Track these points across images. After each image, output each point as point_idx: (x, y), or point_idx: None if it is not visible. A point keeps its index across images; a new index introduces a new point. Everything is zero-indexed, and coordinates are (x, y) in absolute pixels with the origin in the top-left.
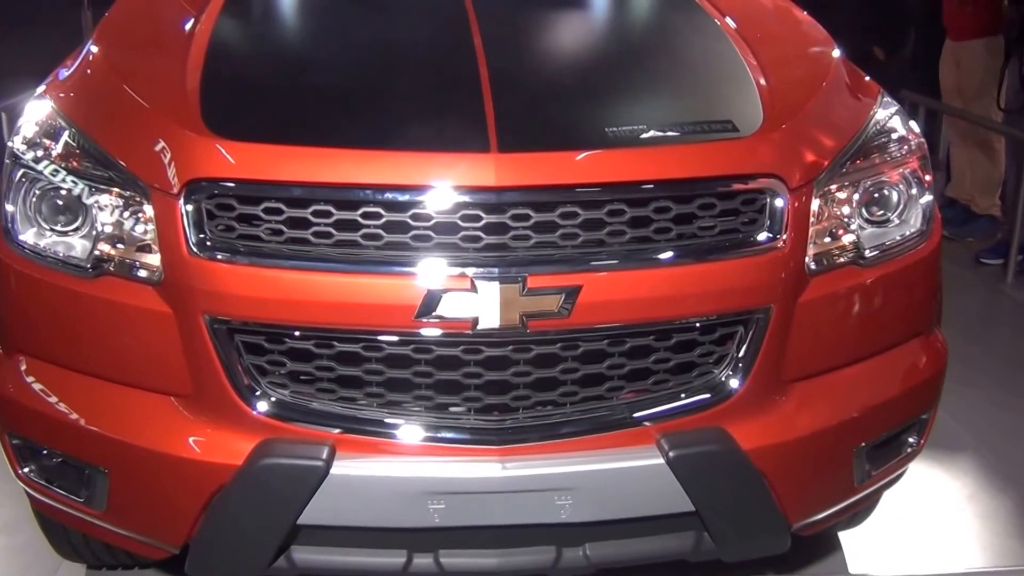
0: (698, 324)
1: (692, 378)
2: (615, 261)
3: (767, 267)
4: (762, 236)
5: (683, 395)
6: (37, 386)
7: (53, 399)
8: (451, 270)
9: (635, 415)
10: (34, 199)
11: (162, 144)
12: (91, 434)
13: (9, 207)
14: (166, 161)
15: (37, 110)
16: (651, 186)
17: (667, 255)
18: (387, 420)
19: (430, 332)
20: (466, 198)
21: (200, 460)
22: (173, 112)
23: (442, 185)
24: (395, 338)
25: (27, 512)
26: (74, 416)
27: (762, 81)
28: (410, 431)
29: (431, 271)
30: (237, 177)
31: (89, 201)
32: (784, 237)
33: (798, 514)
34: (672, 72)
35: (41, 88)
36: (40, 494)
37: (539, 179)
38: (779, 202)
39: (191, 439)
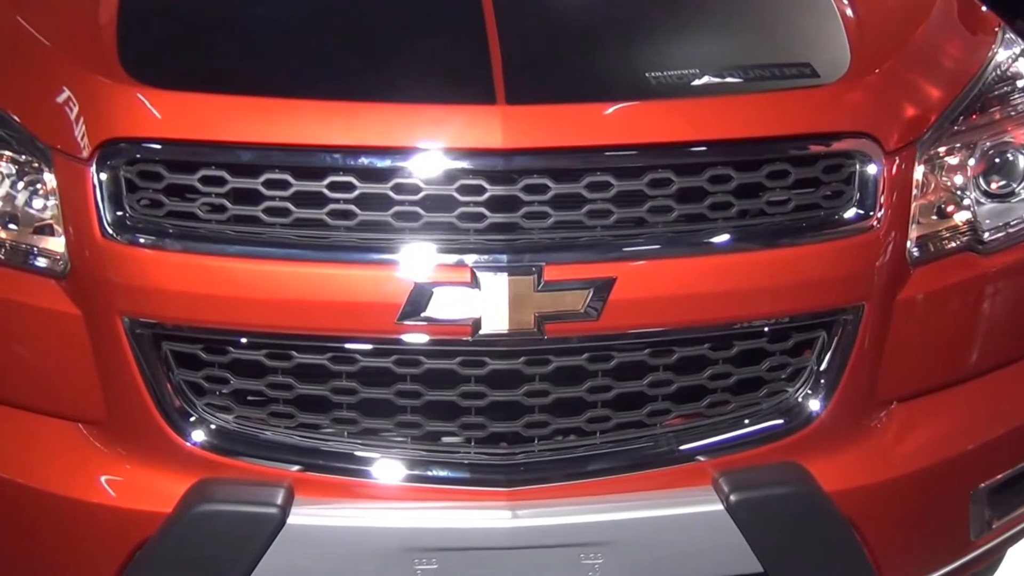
0: (767, 328)
1: (759, 399)
2: (659, 246)
3: (857, 253)
4: (850, 213)
5: (747, 421)
6: None
7: None
8: (445, 258)
9: (685, 447)
10: None
11: (67, 94)
12: None
13: None
14: (73, 116)
15: None
16: (705, 148)
17: (726, 238)
18: (361, 454)
19: (418, 339)
20: (465, 164)
21: (116, 506)
22: (82, 52)
23: (433, 147)
24: (372, 347)
25: None
26: None
27: (848, 12)
28: (391, 469)
29: (419, 259)
30: (166, 137)
31: None
32: (878, 215)
33: None
34: (731, 2)
35: None
36: None
37: (560, 139)
38: (872, 169)
39: (105, 479)
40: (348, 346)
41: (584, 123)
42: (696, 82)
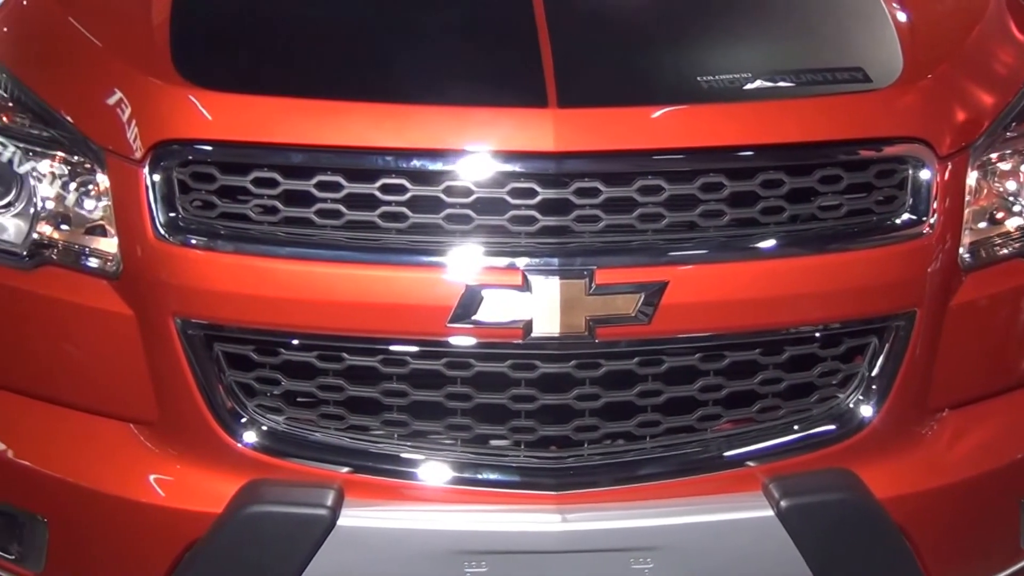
0: (818, 334)
1: (810, 405)
2: (710, 251)
3: (909, 259)
4: (903, 218)
5: (798, 427)
6: None
7: None
8: (497, 261)
9: (735, 452)
10: None
11: (121, 95)
12: (23, 471)
13: None
14: (126, 117)
15: None
16: (757, 152)
17: (778, 243)
18: (411, 456)
19: (468, 341)
20: (517, 167)
21: (168, 507)
22: (135, 53)
23: (485, 149)
24: (423, 349)
25: None
26: (2, 448)
27: (901, 17)
28: (440, 471)
29: (470, 262)
30: (219, 138)
31: (24, 169)
32: (931, 220)
33: None
34: (784, 6)
35: None
36: None
37: (611, 143)
38: (924, 174)
39: (156, 479)
40: (399, 348)
41: (636, 126)
42: (748, 86)
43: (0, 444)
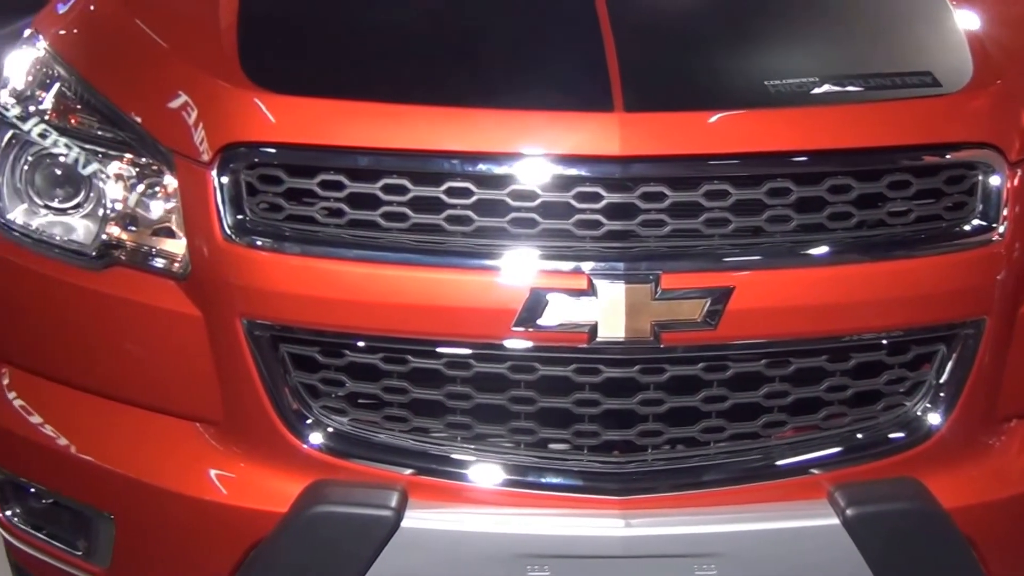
0: (886, 341)
1: (876, 412)
2: (777, 256)
3: (979, 266)
4: (972, 225)
5: (864, 435)
6: (24, 406)
7: (45, 423)
8: (562, 265)
9: (800, 459)
10: (25, 167)
11: (189, 98)
12: (93, 469)
13: None
14: (194, 120)
15: (27, 52)
16: (825, 157)
17: (845, 249)
18: (474, 459)
19: (532, 345)
20: (582, 171)
21: (233, 505)
22: (203, 56)
23: (551, 153)
24: (487, 352)
25: (3, 566)
26: (71, 445)
27: (970, 21)
28: (504, 474)
29: (535, 266)
30: (286, 141)
31: (93, 170)
32: (1001, 227)
33: None
34: (851, 10)
35: (32, 24)
36: (24, 544)
37: (678, 147)
38: (995, 180)
39: (221, 478)
40: (463, 351)
41: (702, 131)
42: (816, 90)
43: (70, 441)
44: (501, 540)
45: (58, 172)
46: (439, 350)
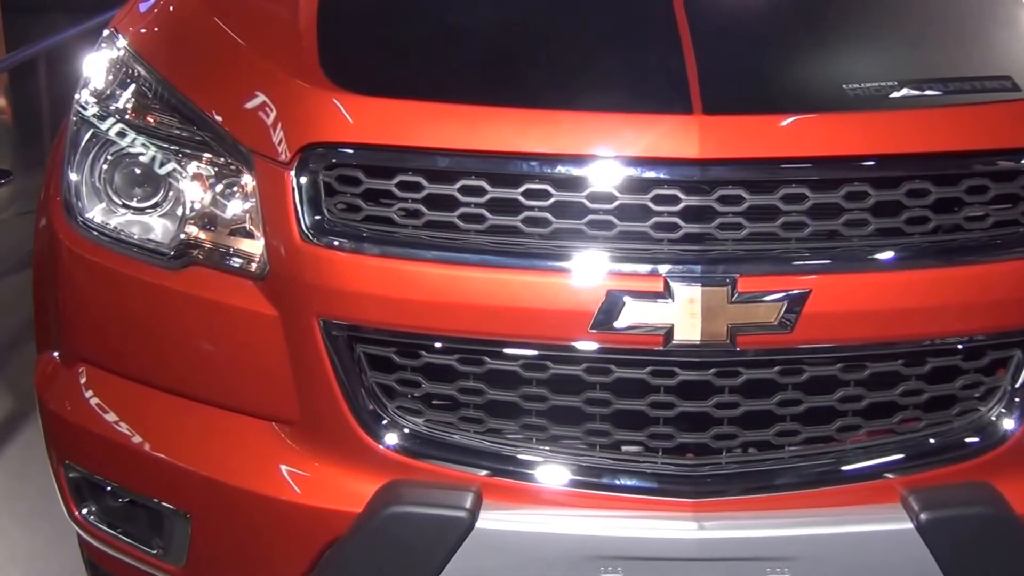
0: (961, 346)
1: (951, 417)
2: (854, 260)
3: None
4: None
5: (938, 439)
6: (101, 404)
7: (121, 422)
8: (639, 267)
9: (874, 463)
10: (104, 167)
11: (269, 98)
12: (169, 468)
13: (73, 176)
14: (272, 120)
15: (106, 52)
16: (902, 162)
17: (923, 253)
18: (548, 461)
19: (609, 347)
20: (660, 174)
21: (309, 505)
22: (283, 56)
23: (629, 156)
24: (564, 354)
25: (78, 565)
26: (148, 444)
27: None
28: (577, 476)
29: (612, 268)
30: (365, 142)
31: (171, 170)
32: None
33: None
34: (929, 13)
35: (111, 23)
36: (100, 542)
37: (756, 150)
38: None
39: (297, 478)
40: (539, 353)
41: (780, 134)
42: (894, 94)
43: (146, 440)
44: (574, 541)
45: (136, 171)
46: (515, 351)
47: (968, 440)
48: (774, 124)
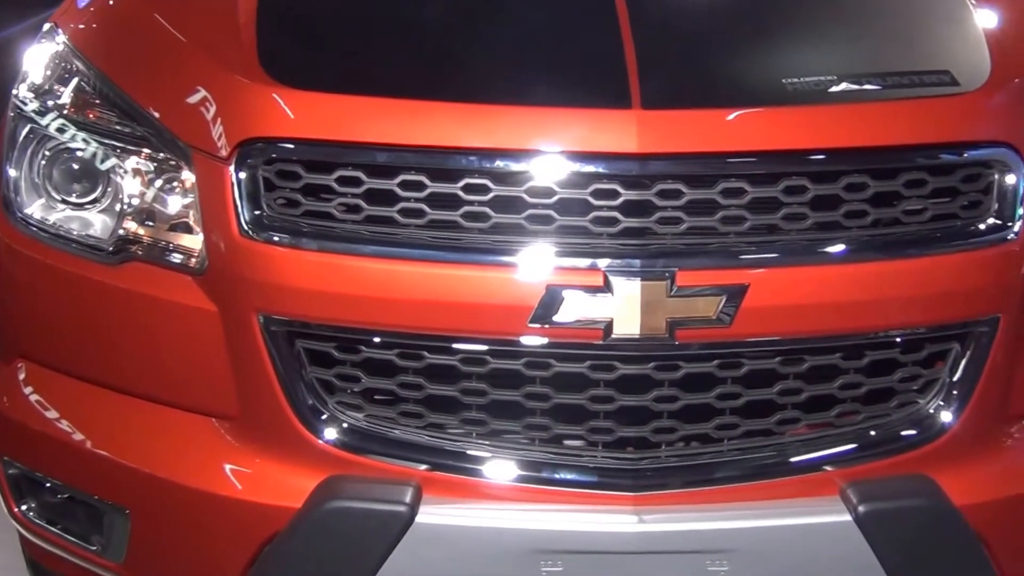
0: (900, 339)
1: (889, 410)
2: (792, 254)
3: (994, 265)
4: (987, 223)
5: (876, 432)
6: (40, 400)
7: (61, 418)
8: (578, 261)
9: (813, 456)
10: (42, 162)
11: (208, 92)
12: (108, 464)
13: (11, 171)
14: (212, 115)
15: (46, 46)
16: (842, 156)
17: (861, 247)
18: (488, 455)
19: (548, 341)
20: (600, 168)
21: (248, 500)
22: (222, 51)
23: (568, 150)
24: (503, 348)
25: (19, 562)
26: (87, 440)
27: (988, 19)
28: (517, 470)
29: (552, 262)
30: (304, 137)
31: (110, 165)
32: (1017, 225)
33: None
34: (869, 8)
35: (51, 18)
36: (39, 538)
37: (695, 144)
38: (1010, 179)
39: (237, 473)
40: (478, 347)
41: (720, 128)
42: (833, 89)
43: (85, 436)
44: (515, 536)
45: (76, 167)
46: (455, 346)
47: (906, 433)
48: (713, 118)
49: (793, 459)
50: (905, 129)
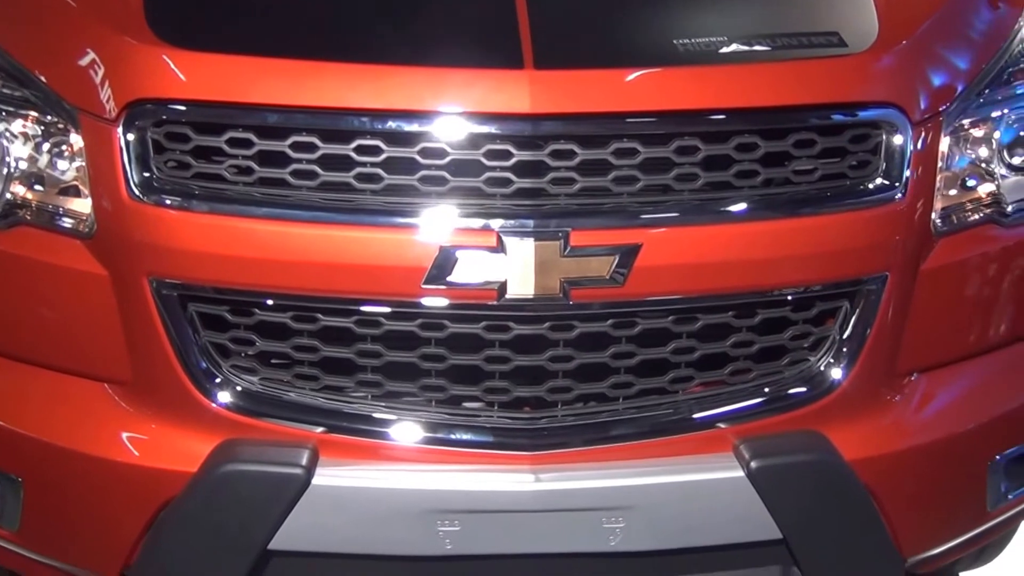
0: (790, 297)
1: (781, 367)
2: (684, 214)
3: (881, 223)
4: (875, 183)
5: (769, 389)
6: None
7: None
8: (472, 222)
9: (706, 414)
10: None
11: (94, 54)
12: None
13: None
14: (99, 77)
15: None
16: (732, 116)
17: (751, 206)
18: (385, 417)
19: (443, 303)
20: (492, 128)
21: (142, 466)
22: (109, 12)
23: (461, 111)
24: (398, 310)
25: None
26: None
27: None
28: (414, 431)
29: (445, 223)
30: (193, 98)
31: None
32: (904, 185)
33: (914, 545)
34: None
35: None
36: None
37: (587, 104)
38: (898, 139)
39: (130, 439)
40: (373, 309)
41: (612, 89)
42: (724, 50)
43: None
44: (411, 496)
45: None
46: (349, 308)
47: (798, 390)
48: (604, 78)
49: (687, 416)
50: (794, 90)
